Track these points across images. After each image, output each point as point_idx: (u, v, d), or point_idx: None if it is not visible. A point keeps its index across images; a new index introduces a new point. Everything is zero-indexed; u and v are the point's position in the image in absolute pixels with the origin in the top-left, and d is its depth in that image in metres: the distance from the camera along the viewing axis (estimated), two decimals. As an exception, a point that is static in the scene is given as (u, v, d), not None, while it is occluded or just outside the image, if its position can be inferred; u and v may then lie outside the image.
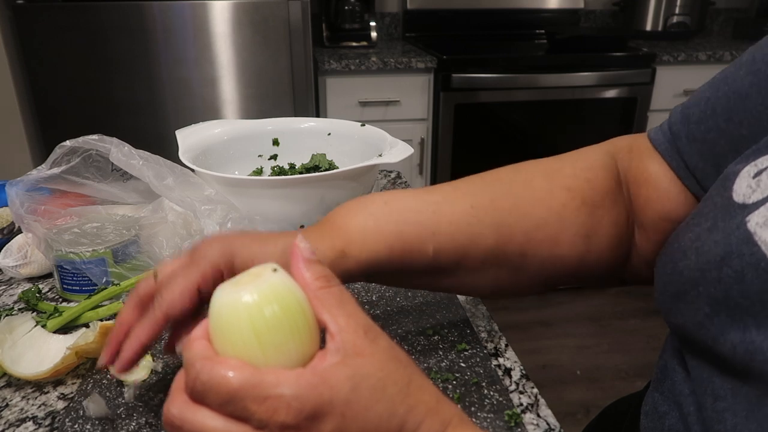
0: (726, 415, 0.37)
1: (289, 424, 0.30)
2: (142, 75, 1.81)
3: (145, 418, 0.48)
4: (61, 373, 0.53)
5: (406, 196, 0.51)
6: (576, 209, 0.52)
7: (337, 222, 0.49)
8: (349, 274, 0.47)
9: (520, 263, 0.52)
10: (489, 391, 0.50)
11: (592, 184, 0.53)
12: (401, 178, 1.02)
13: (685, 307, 0.40)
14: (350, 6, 2.28)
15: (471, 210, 0.51)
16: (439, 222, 0.50)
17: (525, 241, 0.51)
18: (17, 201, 0.65)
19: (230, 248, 0.44)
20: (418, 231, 0.49)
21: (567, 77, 2.15)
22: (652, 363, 1.84)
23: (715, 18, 2.77)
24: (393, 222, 0.49)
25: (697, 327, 0.39)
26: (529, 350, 2.07)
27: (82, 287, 0.65)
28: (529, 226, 0.51)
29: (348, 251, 0.47)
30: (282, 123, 0.92)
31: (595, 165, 0.55)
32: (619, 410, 0.70)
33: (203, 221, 0.62)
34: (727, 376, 0.38)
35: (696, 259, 0.39)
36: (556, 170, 0.55)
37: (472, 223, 0.50)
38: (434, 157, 2.20)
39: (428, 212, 0.50)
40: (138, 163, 0.65)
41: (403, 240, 0.48)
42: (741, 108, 0.46)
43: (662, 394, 0.47)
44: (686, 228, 0.43)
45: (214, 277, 0.42)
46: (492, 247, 0.50)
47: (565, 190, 0.52)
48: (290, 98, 1.90)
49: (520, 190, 0.53)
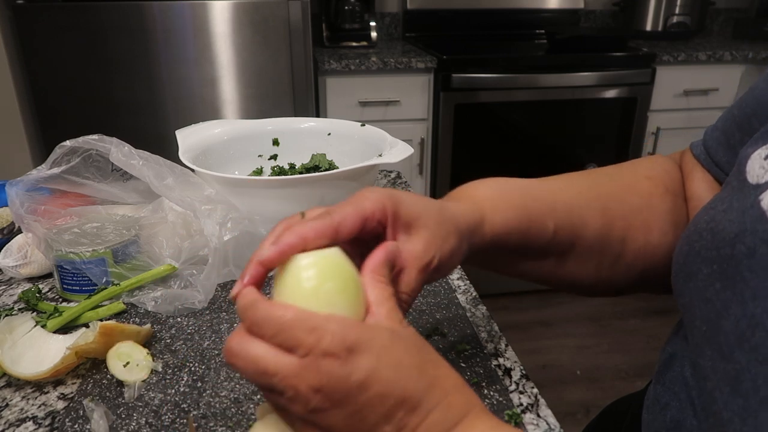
0: (715, 394, 0.39)
1: (332, 351, 0.33)
2: (142, 75, 1.81)
3: (145, 419, 0.48)
4: (61, 373, 0.53)
5: (520, 179, 0.55)
6: (661, 196, 0.55)
7: (466, 193, 0.51)
8: (483, 243, 0.48)
9: (620, 250, 0.55)
10: (489, 392, 0.50)
11: (670, 174, 0.57)
12: (401, 178, 1.02)
13: (696, 285, 0.42)
14: (350, 6, 2.28)
15: (578, 195, 0.54)
16: (555, 201, 0.53)
17: (625, 226, 0.54)
18: (17, 201, 0.65)
19: (395, 195, 0.44)
20: (539, 206, 0.52)
21: (567, 77, 2.15)
22: (652, 363, 1.85)
23: (715, 18, 2.77)
24: (517, 195, 0.51)
25: (704, 303, 0.40)
26: (529, 350, 2.07)
27: (82, 287, 0.65)
28: (626, 211, 0.55)
29: (485, 216, 0.48)
30: (282, 123, 0.92)
31: (666, 162, 0.59)
32: (619, 410, 0.70)
33: (203, 221, 0.62)
34: (719, 355, 0.39)
35: (712, 238, 0.41)
36: (636, 165, 0.59)
37: (582, 206, 0.54)
38: (434, 157, 2.20)
39: (545, 191, 0.54)
40: (138, 163, 0.65)
41: (528, 211, 0.51)
42: (759, 109, 0.49)
43: (663, 385, 0.48)
44: (703, 212, 0.45)
45: (380, 217, 0.42)
46: (599, 229, 0.54)
47: (647, 179, 0.56)
48: (290, 98, 1.90)
49: (612, 180, 0.57)
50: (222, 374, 0.53)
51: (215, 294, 0.66)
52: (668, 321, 2.22)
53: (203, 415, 0.48)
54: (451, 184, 2.20)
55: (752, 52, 2.21)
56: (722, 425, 0.38)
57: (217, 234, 0.61)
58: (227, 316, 0.62)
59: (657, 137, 2.30)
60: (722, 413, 0.38)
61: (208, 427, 0.47)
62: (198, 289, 0.63)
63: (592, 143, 2.28)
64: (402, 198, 0.44)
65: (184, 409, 0.49)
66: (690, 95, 2.27)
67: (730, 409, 0.37)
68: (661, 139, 2.31)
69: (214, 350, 0.57)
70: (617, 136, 2.28)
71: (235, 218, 0.64)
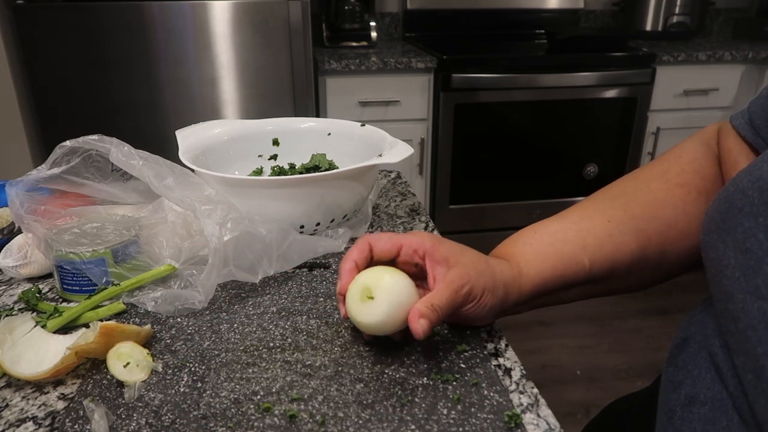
0: (748, 332, 0.41)
1: None
2: (141, 75, 1.81)
3: (146, 419, 0.48)
4: (61, 373, 0.53)
5: (549, 222, 0.59)
6: (694, 201, 0.57)
7: (502, 253, 0.58)
8: (523, 293, 0.55)
9: (660, 261, 0.57)
10: (489, 392, 0.50)
11: (700, 174, 0.58)
12: (401, 178, 1.02)
13: (735, 238, 0.43)
14: (350, 6, 2.28)
15: (608, 224, 0.57)
16: (585, 237, 0.56)
17: (662, 241, 0.57)
18: (17, 201, 0.65)
19: (437, 238, 0.55)
20: (571, 248, 0.56)
21: (567, 77, 2.15)
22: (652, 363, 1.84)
23: (715, 18, 2.77)
24: (546, 243, 0.56)
25: (743, 253, 0.42)
26: (529, 350, 2.07)
27: (82, 287, 0.65)
28: (662, 227, 0.56)
29: (521, 270, 0.55)
30: (282, 123, 0.92)
31: (697, 156, 0.60)
32: (619, 410, 0.70)
33: (203, 221, 0.62)
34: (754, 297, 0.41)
35: (759, 196, 0.42)
36: (665, 171, 0.60)
37: (614, 234, 0.56)
38: (434, 157, 2.20)
39: (572, 230, 0.57)
40: (138, 163, 0.65)
41: (561, 256, 0.56)
42: None
43: (676, 366, 0.51)
44: (745, 174, 0.46)
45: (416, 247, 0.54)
46: (635, 251, 0.56)
47: (679, 187, 0.58)
48: (290, 98, 1.90)
49: (643, 196, 0.58)
50: (222, 374, 0.53)
51: (215, 294, 0.65)
52: (668, 321, 2.22)
53: (203, 416, 0.48)
54: (452, 184, 2.20)
55: (752, 52, 2.21)
56: (756, 359, 0.40)
57: (217, 234, 0.61)
58: (227, 317, 0.62)
59: (657, 137, 2.30)
60: (756, 349, 0.40)
61: (208, 427, 0.47)
62: (198, 289, 0.62)
63: (592, 143, 2.28)
64: (442, 241, 0.54)
65: (184, 409, 0.49)
66: (690, 95, 2.27)
67: (765, 342, 0.39)
68: (661, 139, 2.31)
69: (214, 350, 0.57)
70: (617, 136, 2.28)
71: (235, 218, 0.64)
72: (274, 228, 0.66)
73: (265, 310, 0.63)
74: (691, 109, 2.30)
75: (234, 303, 0.64)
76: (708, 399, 0.46)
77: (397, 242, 0.55)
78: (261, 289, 0.67)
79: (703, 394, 0.46)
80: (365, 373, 0.53)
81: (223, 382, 0.52)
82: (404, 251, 0.54)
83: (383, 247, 0.55)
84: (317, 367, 0.54)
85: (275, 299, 0.65)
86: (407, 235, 0.55)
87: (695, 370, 0.48)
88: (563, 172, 2.31)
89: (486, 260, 0.55)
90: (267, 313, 0.62)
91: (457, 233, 2.28)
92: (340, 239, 0.73)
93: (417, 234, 0.55)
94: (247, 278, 0.65)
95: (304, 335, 0.58)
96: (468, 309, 0.53)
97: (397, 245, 0.55)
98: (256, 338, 0.58)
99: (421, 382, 0.51)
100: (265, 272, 0.66)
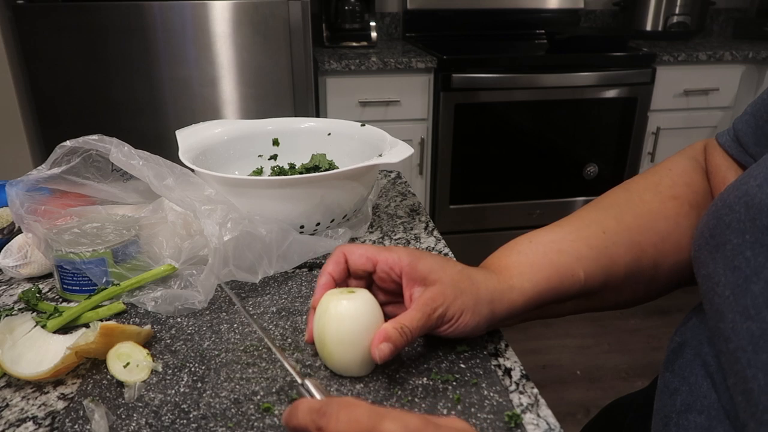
0: (738, 353, 0.40)
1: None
2: (142, 75, 1.81)
3: (146, 419, 0.48)
4: (61, 373, 0.53)
5: (544, 231, 0.58)
6: (687, 214, 0.56)
7: (495, 264, 0.56)
8: (515, 307, 0.53)
9: (653, 274, 0.56)
10: (489, 392, 0.50)
11: (692, 187, 0.58)
12: (401, 178, 1.02)
13: (724, 254, 0.43)
14: (350, 6, 2.28)
15: (603, 235, 0.56)
16: (580, 248, 0.55)
17: (656, 253, 0.56)
18: (17, 201, 0.65)
19: (416, 254, 0.52)
20: (566, 259, 0.54)
21: (567, 77, 2.15)
22: (652, 363, 1.85)
23: (715, 18, 2.77)
24: (541, 254, 0.55)
25: (731, 271, 0.42)
26: (529, 350, 2.07)
27: (82, 287, 0.65)
28: (656, 239, 0.56)
29: (513, 284, 0.53)
30: (282, 123, 0.92)
31: (687, 169, 0.59)
32: (619, 410, 0.70)
33: (203, 221, 0.62)
34: (743, 317, 0.40)
35: (746, 211, 0.42)
36: (657, 183, 0.59)
37: (609, 245, 0.55)
38: (434, 157, 2.20)
39: (568, 241, 0.55)
40: (138, 163, 0.65)
41: (556, 268, 0.54)
42: None
43: (673, 372, 0.51)
44: (733, 189, 0.46)
45: (392, 264, 0.52)
46: (629, 263, 0.55)
47: (672, 200, 0.57)
48: (290, 98, 1.90)
49: (636, 207, 0.58)
50: (222, 375, 0.53)
51: (215, 294, 0.65)
52: (668, 321, 2.22)
53: (203, 416, 0.48)
54: (452, 184, 2.20)
55: (752, 52, 2.21)
56: (746, 382, 0.39)
57: (217, 234, 0.61)
58: (227, 317, 0.62)
59: (657, 137, 2.30)
60: (746, 371, 0.39)
61: (208, 427, 0.47)
62: (198, 289, 0.62)
63: (593, 143, 2.28)
64: (422, 256, 0.52)
65: (184, 409, 0.49)
66: (690, 95, 2.27)
67: (754, 365, 0.39)
68: (661, 139, 2.31)
69: (214, 350, 0.57)
70: (617, 136, 2.28)
71: (235, 218, 0.64)
72: (274, 228, 0.66)
73: (265, 310, 0.63)
74: (691, 109, 2.30)
75: (234, 303, 0.64)
76: (704, 408, 0.45)
77: (372, 258, 0.53)
78: (261, 289, 0.67)
79: (700, 402, 0.46)
80: (365, 373, 0.53)
81: (223, 383, 0.52)
82: (380, 268, 0.53)
83: (357, 262, 0.53)
84: (317, 367, 0.54)
85: (275, 299, 0.65)
86: (383, 250, 0.53)
87: (691, 377, 0.48)
88: (563, 172, 2.31)
89: (470, 276, 0.52)
90: (267, 313, 0.62)
91: (457, 233, 2.28)
92: (340, 239, 0.73)
93: (394, 250, 0.53)
94: (247, 278, 0.65)
95: (304, 335, 0.58)
96: (444, 330, 0.51)
97: (373, 261, 0.53)
98: (256, 338, 0.58)
99: (421, 382, 0.51)
100: (265, 272, 0.66)
